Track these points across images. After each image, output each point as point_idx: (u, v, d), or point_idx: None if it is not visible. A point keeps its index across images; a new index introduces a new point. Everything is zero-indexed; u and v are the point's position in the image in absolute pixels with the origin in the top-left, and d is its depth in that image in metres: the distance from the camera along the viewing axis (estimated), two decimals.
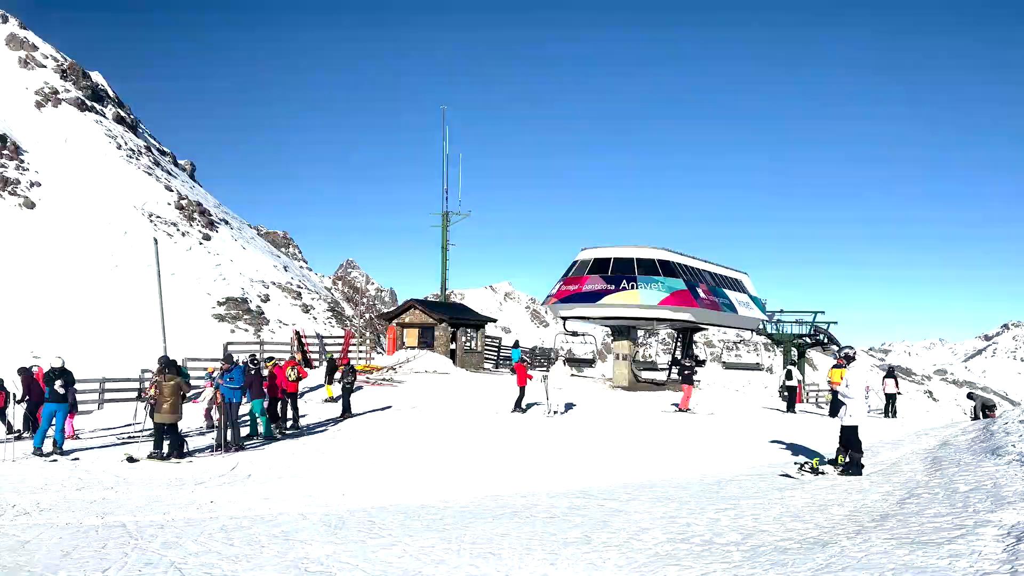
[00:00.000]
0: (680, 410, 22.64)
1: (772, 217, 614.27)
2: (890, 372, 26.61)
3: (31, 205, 65.46)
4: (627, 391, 28.35)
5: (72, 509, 9.45)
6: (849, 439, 10.97)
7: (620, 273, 27.94)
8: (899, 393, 25.94)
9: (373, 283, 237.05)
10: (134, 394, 22.34)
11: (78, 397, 19.16)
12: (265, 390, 17.75)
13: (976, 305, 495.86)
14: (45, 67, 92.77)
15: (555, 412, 21.27)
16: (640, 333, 34.90)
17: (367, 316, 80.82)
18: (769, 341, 47.10)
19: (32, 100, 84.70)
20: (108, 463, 13.72)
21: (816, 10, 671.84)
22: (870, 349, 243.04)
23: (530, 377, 22.68)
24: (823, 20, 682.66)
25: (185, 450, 14.53)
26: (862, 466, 11.00)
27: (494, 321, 40.28)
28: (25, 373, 21.14)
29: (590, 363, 35.78)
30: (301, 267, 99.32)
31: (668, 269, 28.16)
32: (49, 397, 14.79)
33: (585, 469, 13.04)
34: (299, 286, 69.78)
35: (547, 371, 23.48)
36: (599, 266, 28.50)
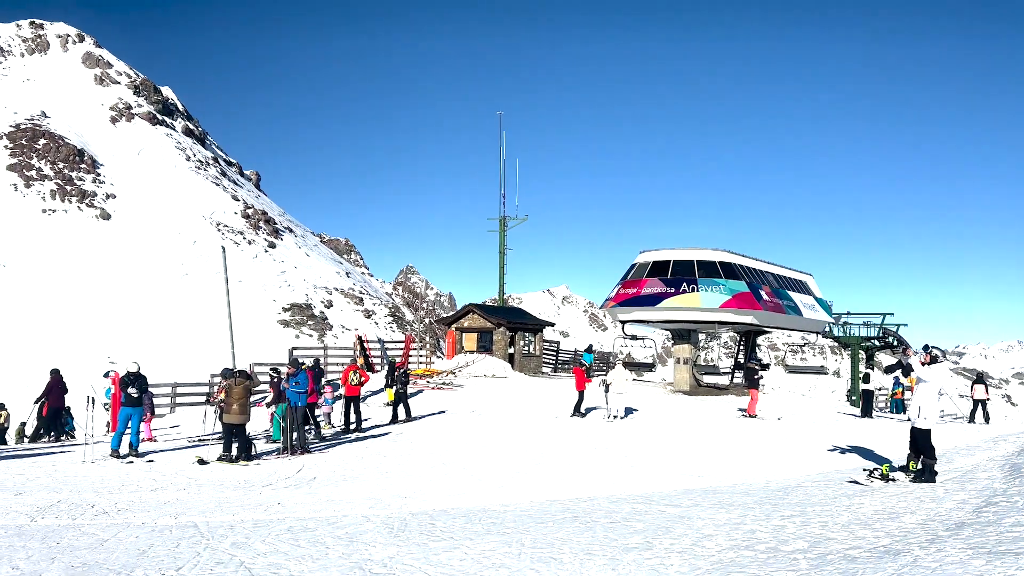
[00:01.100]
0: (747, 415, 22.23)
1: (838, 217, 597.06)
2: (979, 378, 25.55)
3: (107, 216, 68.24)
4: (688, 395, 27.97)
5: (147, 509, 9.80)
6: (922, 444, 10.59)
7: (680, 276, 27.61)
8: (988, 399, 24.92)
9: (432, 288, 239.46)
10: (203, 398, 23.06)
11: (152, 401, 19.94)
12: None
13: None
14: (119, 83, 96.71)
15: (615, 417, 21.13)
16: (701, 337, 34.43)
17: (427, 321, 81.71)
18: (835, 344, 45.83)
19: (107, 115, 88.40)
20: (180, 465, 14.19)
21: (901, 9, 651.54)
22: (944, 352, 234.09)
23: (588, 381, 22.59)
24: (903, 18, 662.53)
25: (253, 453, 14.93)
26: (935, 473, 10.61)
27: (552, 325, 40.24)
28: (54, 375, 22.23)
29: (650, 367, 35.41)
30: (363, 273, 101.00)
31: (730, 271, 27.70)
32: (125, 401, 15.37)
33: (646, 474, 12.91)
34: (361, 292, 70.98)
35: (606, 375, 23.33)
36: (658, 269, 28.22)
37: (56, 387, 21.86)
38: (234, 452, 14.48)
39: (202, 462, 14.17)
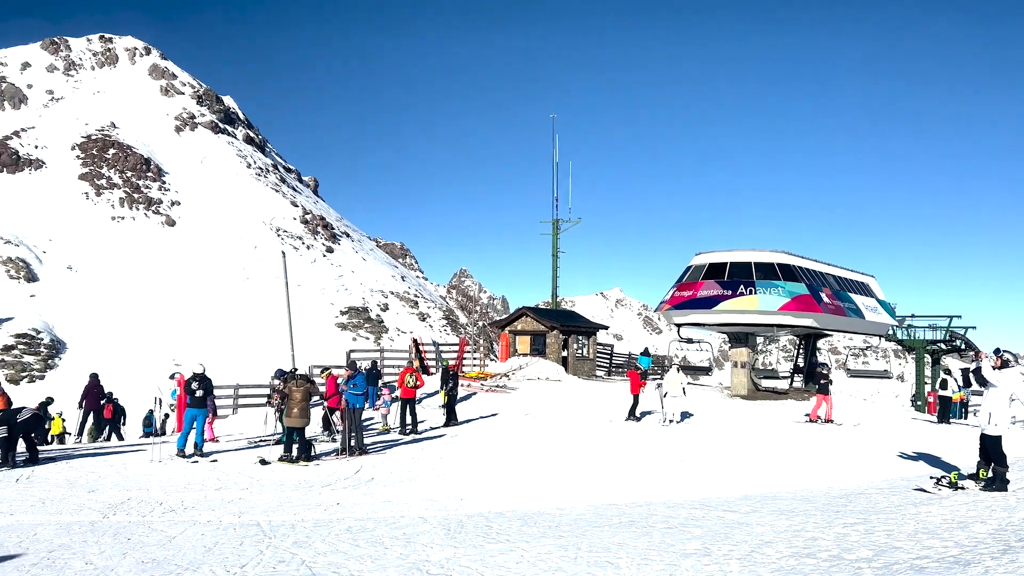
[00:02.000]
0: (811, 420, 21.76)
1: (903, 217, 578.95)
2: None
3: (172, 223, 70.47)
4: (746, 400, 27.50)
5: (212, 508, 10.09)
6: (992, 451, 10.21)
7: (737, 278, 27.18)
8: None
9: (485, 291, 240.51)
10: (264, 399, 23.61)
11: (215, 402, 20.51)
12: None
13: None
14: (183, 94, 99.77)
15: (670, 421, 20.91)
16: (759, 340, 33.80)
17: (480, 324, 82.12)
18: (899, 348, 44.49)
19: (172, 125, 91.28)
20: (243, 465, 14.56)
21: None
22: (1016, 356, 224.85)
23: (643, 384, 22.40)
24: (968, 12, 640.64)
25: (312, 453, 15.23)
26: (1007, 481, 10.22)
27: (605, 328, 40.05)
28: (92, 379, 23.13)
29: (706, 371, 34.96)
30: (417, 277, 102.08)
31: (788, 273, 27.15)
32: (190, 402, 15.85)
33: (703, 479, 12.74)
34: (416, 295, 71.75)
35: (661, 379, 23.11)
36: (714, 271, 27.82)
37: (92, 391, 22.84)
38: (294, 453, 14.79)
39: (264, 462, 14.52)
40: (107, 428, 23.39)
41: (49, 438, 23.92)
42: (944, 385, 24.12)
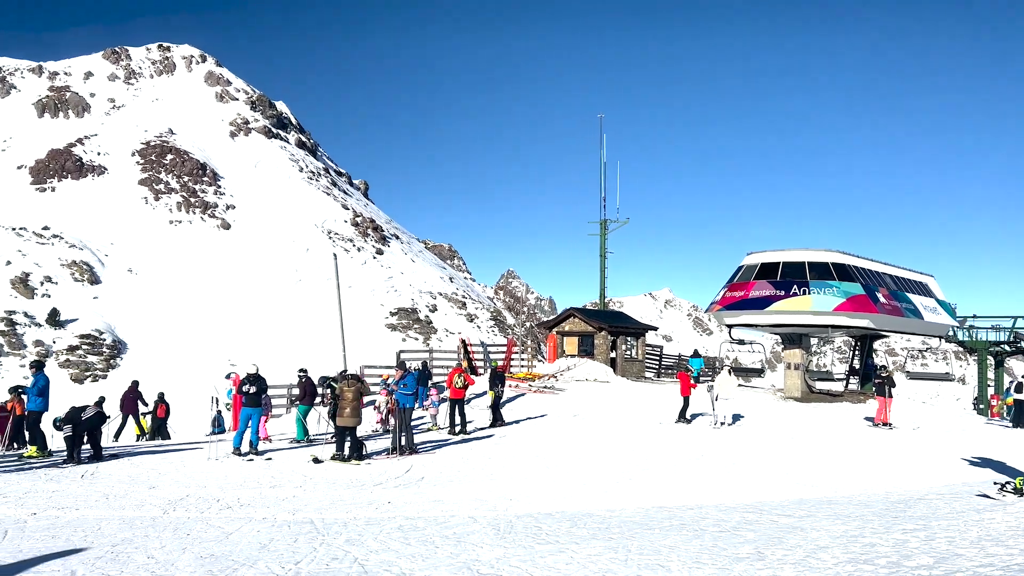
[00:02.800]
0: (875, 424, 21.24)
1: (964, 215, 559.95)
2: None
3: (227, 226, 72.17)
4: (800, 402, 26.98)
5: (267, 505, 10.31)
6: None
7: (790, 278, 26.68)
8: None
9: (533, 292, 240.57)
10: (317, 400, 23.99)
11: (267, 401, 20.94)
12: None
13: None
14: (237, 100, 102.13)
15: (722, 423, 20.63)
16: (813, 341, 33.11)
17: (527, 324, 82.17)
18: (960, 349, 43.10)
19: (227, 130, 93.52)
20: (296, 463, 14.83)
21: None
22: None
23: (694, 386, 22.14)
24: None
25: (364, 452, 15.43)
26: None
27: (655, 329, 39.70)
28: (131, 386, 24.07)
29: (758, 372, 34.37)
30: (465, 278, 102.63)
31: (843, 273, 26.55)
32: (245, 401, 16.20)
33: (756, 483, 12.54)
34: (464, 296, 72.16)
35: (712, 381, 22.80)
36: (767, 271, 27.36)
37: (129, 397, 23.73)
38: (346, 452, 15.01)
39: (316, 461, 14.77)
40: (157, 427, 24.18)
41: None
42: (1020, 388, 23.18)
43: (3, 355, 44.24)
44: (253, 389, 16.13)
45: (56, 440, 15.82)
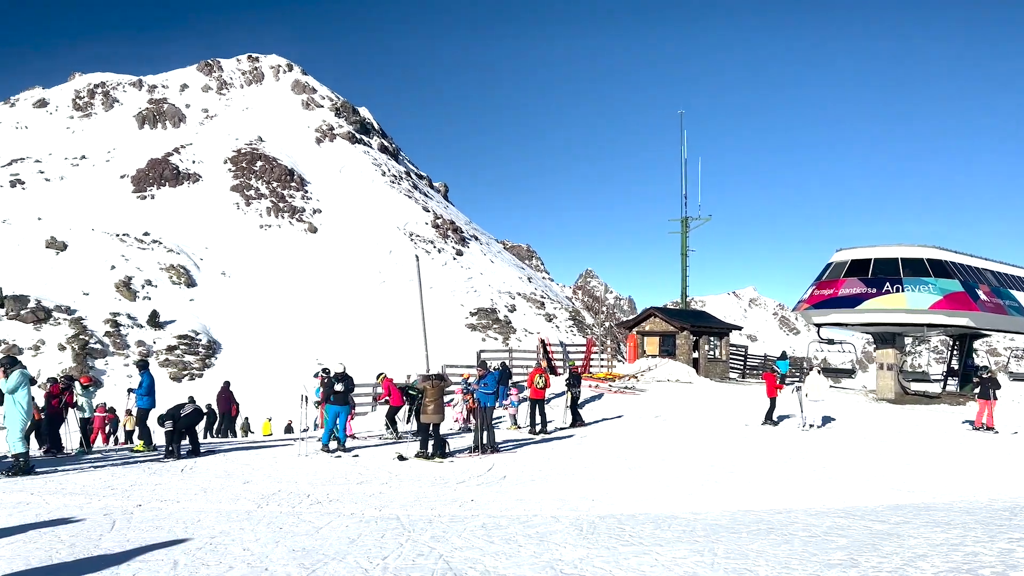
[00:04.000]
0: (975, 428, 20.24)
1: None
2: None
3: (314, 230, 74.40)
4: (893, 404, 25.89)
5: (355, 501, 10.58)
6: None
7: (882, 275, 25.64)
8: None
9: (612, 292, 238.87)
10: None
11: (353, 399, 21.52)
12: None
13: None
14: (322, 107, 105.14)
15: (811, 425, 20.01)
16: (907, 340, 31.72)
17: (607, 324, 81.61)
18: None
19: (313, 137, 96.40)
20: (382, 460, 15.18)
21: None
22: None
23: (781, 387, 21.56)
24: None
25: (447, 451, 15.66)
26: None
27: (739, 329, 38.81)
28: (224, 386, 25.12)
29: (849, 373, 33.16)
30: (544, 278, 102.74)
31: (940, 269, 25.33)
32: (332, 400, 16.68)
33: (847, 487, 12.11)
34: (542, 296, 72.25)
35: (801, 382, 22.14)
36: (857, 268, 26.37)
37: (223, 396, 24.76)
38: (430, 449, 15.27)
39: (401, 458, 15.08)
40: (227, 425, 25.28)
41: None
42: None
43: (109, 354, 46.84)
44: (340, 387, 16.59)
45: (158, 436, 16.68)
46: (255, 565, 7.05)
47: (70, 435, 17.20)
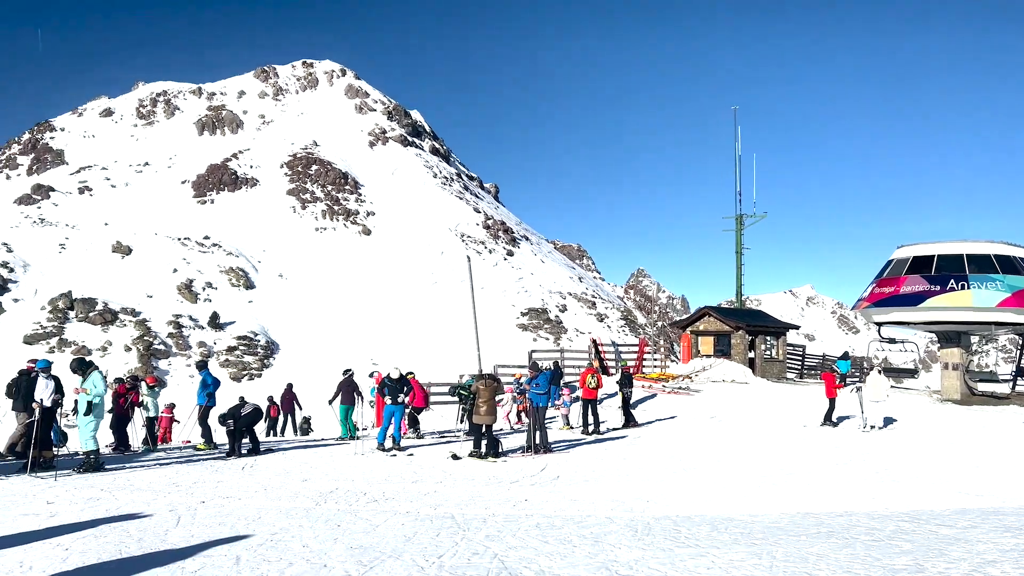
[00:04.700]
0: None
1: None
2: None
3: (367, 232, 75.45)
4: (959, 405, 25.05)
5: (410, 499, 10.71)
6: None
7: (946, 272, 24.85)
8: None
9: (664, 291, 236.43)
10: (455, 397, 24.65)
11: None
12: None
13: None
14: (375, 111, 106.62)
15: (871, 427, 19.51)
16: (974, 339, 30.65)
17: (659, 324, 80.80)
18: None
19: (366, 140, 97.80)
20: (436, 459, 15.32)
21: None
22: None
23: (840, 387, 21.06)
24: None
25: (500, 450, 15.73)
26: None
27: (796, 328, 38.02)
28: (287, 388, 25.54)
29: (911, 373, 32.20)
30: (595, 278, 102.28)
31: (1009, 265, 24.43)
32: (387, 399, 16.91)
33: (911, 490, 11.76)
34: (593, 296, 71.92)
35: (861, 382, 21.60)
36: (920, 264, 25.60)
37: (286, 397, 25.31)
38: (483, 449, 15.35)
39: (455, 457, 15.20)
40: (270, 426, 25.84)
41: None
42: None
43: (172, 355, 48.25)
44: (395, 389, 16.80)
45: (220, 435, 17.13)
46: (314, 562, 7.19)
47: (136, 433, 17.81)
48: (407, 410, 18.35)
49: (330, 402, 20.16)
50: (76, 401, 12.97)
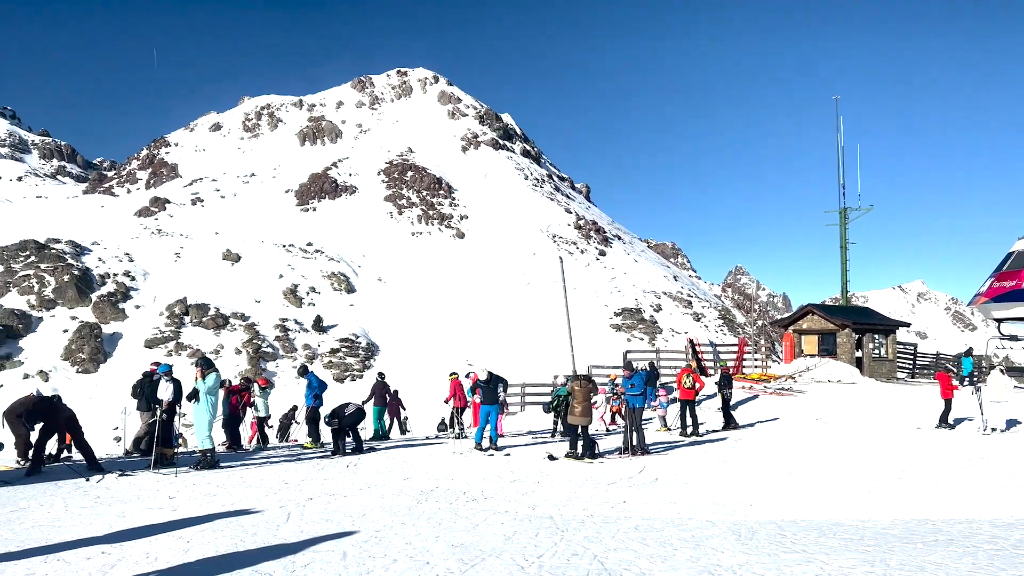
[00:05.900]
0: None
1: None
2: None
3: (461, 235, 76.58)
4: None
5: (509, 499, 10.80)
6: None
7: None
8: None
9: (764, 289, 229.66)
10: (549, 398, 24.70)
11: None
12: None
13: None
14: (467, 116, 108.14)
15: (992, 429, 18.35)
16: None
17: (759, 323, 78.50)
18: None
19: (458, 145, 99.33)
20: (533, 459, 15.40)
21: None
22: None
23: (956, 388, 19.91)
24: None
25: (596, 451, 15.66)
26: None
27: (906, 325, 36.16)
28: (379, 378, 25.88)
29: None
30: (690, 276, 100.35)
31: None
32: (484, 399, 17.11)
33: None
34: (689, 295, 70.56)
35: (981, 382, 20.34)
36: None
37: (377, 390, 25.64)
38: (579, 450, 15.33)
39: (551, 458, 15.23)
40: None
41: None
42: None
43: (279, 357, 50.38)
44: (492, 389, 16.98)
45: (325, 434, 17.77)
46: (417, 558, 7.37)
47: (248, 432, 18.69)
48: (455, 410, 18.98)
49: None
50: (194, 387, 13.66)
